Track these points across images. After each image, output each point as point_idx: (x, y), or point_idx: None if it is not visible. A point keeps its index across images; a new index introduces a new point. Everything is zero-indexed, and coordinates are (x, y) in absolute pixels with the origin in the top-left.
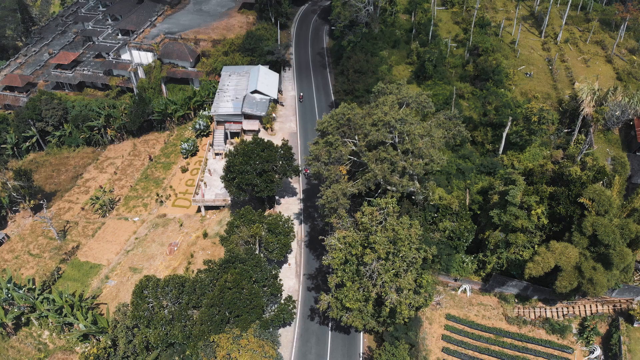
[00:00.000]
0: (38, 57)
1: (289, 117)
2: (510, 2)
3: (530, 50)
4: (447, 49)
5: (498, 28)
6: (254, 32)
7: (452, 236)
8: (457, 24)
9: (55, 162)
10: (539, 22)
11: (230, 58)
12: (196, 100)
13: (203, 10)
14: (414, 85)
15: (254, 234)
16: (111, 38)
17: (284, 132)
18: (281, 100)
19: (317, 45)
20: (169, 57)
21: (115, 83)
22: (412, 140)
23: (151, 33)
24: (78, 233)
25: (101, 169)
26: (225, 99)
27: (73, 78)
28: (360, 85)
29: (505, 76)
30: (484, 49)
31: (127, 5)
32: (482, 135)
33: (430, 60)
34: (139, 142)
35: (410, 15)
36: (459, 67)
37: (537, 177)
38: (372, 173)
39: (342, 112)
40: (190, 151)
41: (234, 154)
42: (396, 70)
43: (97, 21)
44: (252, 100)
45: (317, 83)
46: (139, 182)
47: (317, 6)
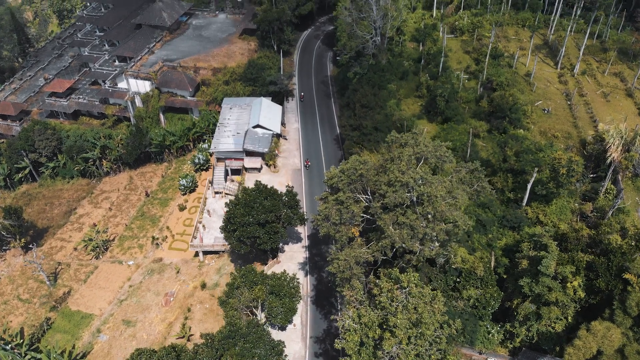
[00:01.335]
0: (33, 82)
1: (293, 151)
2: (522, 30)
3: (546, 83)
4: (458, 82)
5: (511, 59)
6: (255, 61)
7: (476, 305)
8: (468, 53)
9: (48, 194)
10: (553, 52)
11: (231, 87)
12: (196, 131)
13: (203, 36)
14: (424, 121)
15: (256, 298)
16: (108, 64)
17: (287, 168)
18: (284, 134)
19: (321, 73)
20: (167, 86)
21: (112, 112)
22: (434, 202)
23: (149, 60)
24: (70, 277)
25: (96, 204)
26: (226, 135)
27: (68, 107)
28: (368, 122)
29: (523, 114)
30: (499, 83)
31: (124, 30)
32: (502, 182)
33: (442, 95)
34: (135, 174)
35: (418, 43)
36: (472, 102)
37: (571, 243)
38: (389, 239)
39: (354, 167)
40: (188, 187)
41: (235, 203)
42: (405, 104)
43: (93, 46)
44: (254, 136)
45: (321, 114)
46: (134, 220)
47: (320, 31)
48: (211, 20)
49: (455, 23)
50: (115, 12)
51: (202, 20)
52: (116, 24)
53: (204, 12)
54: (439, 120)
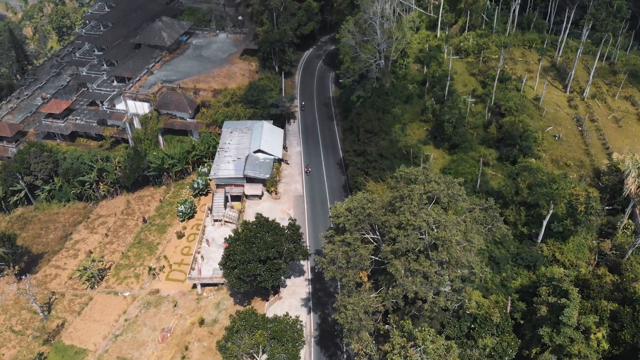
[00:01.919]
0: (30, 102)
1: (295, 176)
2: (529, 52)
3: (555, 108)
4: (465, 106)
5: (519, 82)
6: (256, 83)
7: (492, 354)
8: (474, 75)
9: (44, 218)
10: (561, 75)
11: (231, 109)
12: (195, 154)
13: (203, 56)
14: (430, 147)
15: (257, 343)
16: (106, 85)
17: (289, 195)
18: (286, 158)
19: (323, 94)
20: (166, 107)
21: (110, 133)
22: (449, 248)
23: (148, 81)
24: (64, 308)
25: (92, 229)
26: (226, 160)
27: (65, 128)
28: (373, 148)
29: (534, 141)
30: (507, 108)
31: (123, 50)
32: (515, 215)
33: (449, 121)
34: (133, 198)
35: (422, 64)
36: (479, 127)
37: (594, 290)
38: (401, 288)
39: (361, 206)
40: (187, 214)
41: (235, 239)
42: (410, 128)
43: (92, 66)
44: (255, 161)
45: (323, 137)
46: (131, 248)
47: (322, 51)
48: (211, 40)
49: (460, 44)
50: (114, 32)
51: (202, 39)
52: (115, 43)
53: (204, 32)
54: (445, 147)
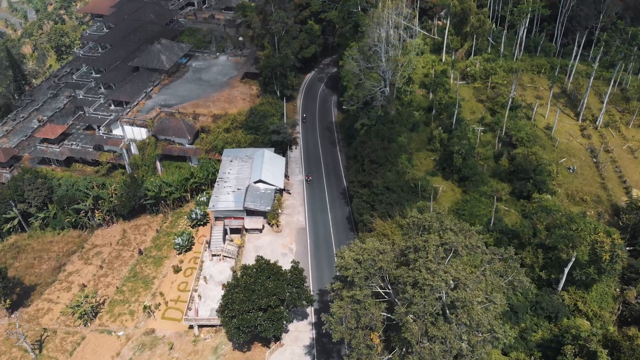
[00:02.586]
0: (26, 124)
1: (297, 207)
2: (538, 77)
3: (568, 137)
4: (475, 136)
5: (529, 109)
6: (257, 108)
7: None
8: (481, 102)
9: (37, 247)
10: (572, 101)
11: (231, 135)
12: (194, 182)
13: (203, 79)
14: (439, 178)
15: None
16: (103, 109)
17: (291, 227)
18: (288, 187)
19: (326, 119)
20: (164, 133)
21: (106, 159)
22: (470, 311)
23: (146, 105)
24: (55, 347)
25: (86, 260)
26: (226, 191)
27: (60, 154)
28: (379, 181)
29: (548, 175)
30: (519, 139)
31: (121, 73)
32: (532, 257)
33: (459, 152)
34: (129, 227)
35: (427, 89)
36: (490, 159)
37: (625, 354)
38: (417, 356)
39: (372, 258)
40: (184, 247)
41: (234, 285)
42: (417, 158)
43: (89, 89)
44: (255, 192)
45: (326, 164)
46: (126, 282)
47: (324, 74)
48: (212, 63)
49: (467, 69)
50: (113, 54)
51: (202, 62)
52: (113, 66)
53: (204, 54)
54: (455, 178)
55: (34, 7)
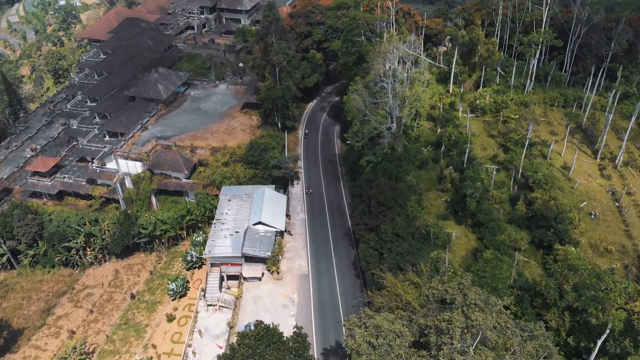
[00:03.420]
0: (19, 153)
1: (299, 250)
2: (551, 111)
3: (587, 178)
4: (488, 177)
5: (544, 146)
6: (257, 142)
7: None
8: (492, 137)
9: (27, 286)
10: (589, 137)
11: (230, 169)
12: (190, 219)
13: (201, 109)
14: (451, 223)
15: None
16: (97, 140)
17: (292, 274)
18: (289, 228)
19: (328, 151)
20: (160, 167)
21: (99, 193)
22: None
23: (142, 138)
24: None
25: (76, 302)
26: (223, 234)
27: (52, 187)
28: (388, 227)
29: (569, 223)
30: (536, 181)
31: (117, 102)
32: (558, 321)
33: (472, 196)
34: (121, 267)
35: (435, 123)
36: (505, 202)
37: None
38: None
39: (388, 343)
40: (178, 293)
41: (230, 357)
42: (426, 198)
43: (83, 119)
44: (255, 236)
45: (330, 201)
46: (117, 330)
47: (326, 102)
48: (211, 92)
49: (476, 102)
50: (109, 82)
51: (201, 91)
52: (109, 95)
53: (203, 82)
54: (469, 223)
55: (34, 28)
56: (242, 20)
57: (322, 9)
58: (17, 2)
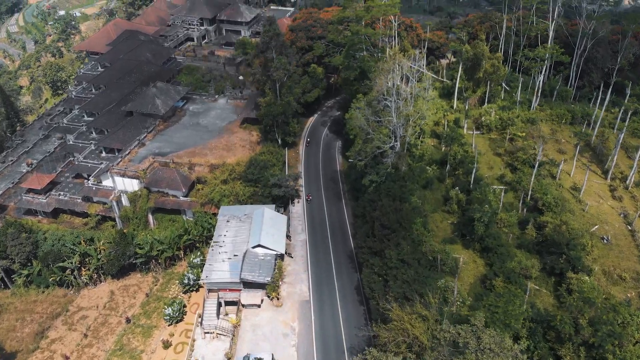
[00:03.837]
0: (15, 168)
1: (300, 274)
2: (559, 128)
3: (598, 200)
4: (496, 199)
5: (552, 165)
6: (257, 159)
7: None
8: (499, 155)
9: (20, 307)
10: (598, 156)
11: (229, 187)
12: (188, 239)
13: (200, 124)
14: (458, 247)
15: None
16: (94, 156)
17: (293, 300)
18: (290, 250)
19: (330, 167)
20: (157, 185)
21: (95, 211)
22: None
23: (139, 154)
24: None
25: (70, 325)
26: (221, 258)
27: (47, 205)
28: (393, 252)
29: (582, 249)
30: (546, 204)
31: (114, 117)
32: (572, 355)
33: (481, 220)
34: (117, 288)
35: (438, 140)
36: (514, 226)
37: None
38: None
39: None
40: (175, 318)
41: None
42: (432, 220)
43: (80, 134)
44: (254, 259)
45: (331, 221)
46: (111, 356)
47: (328, 117)
48: (210, 106)
49: (482, 118)
50: (106, 96)
51: (200, 105)
52: (106, 110)
53: (202, 97)
54: (476, 247)
55: (33, 38)
56: (242, 32)
57: (323, 22)
58: (17, 12)
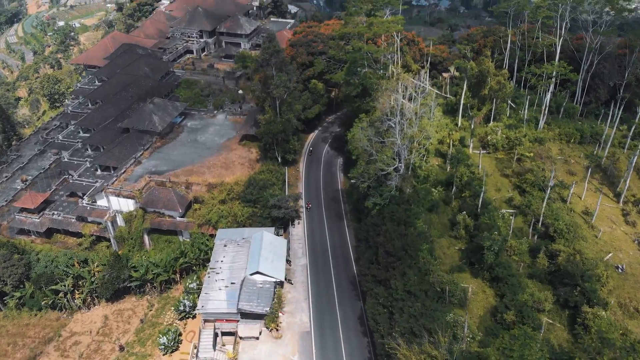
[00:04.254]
0: (9, 185)
1: (300, 302)
2: (567, 147)
3: (611, 225)
4: (506, 225)
5: (562, 187)
6: (256, 178)
7: None
8: (506, 176)
9: (12, 330)
10: (609, 178)
11: (227, 207)
12: (184, 261)
13: (198, 141)
14: (466, 275)
15: None
16: (89, 174)
17: (293, 331)
18: (289, 276)
19: (331, 186)
20: (153, 205)
21: (90, 231)
22: None
23: (135, 173)
24: None
25: (62, 351)
26: (217, 286)
27: (40, 224)
28: (399, 283)
29: (597, 280)
30: (557, 231)
31: (110, 133)
32: None
33: (491, 249)
34: (111, 312)
35: (443, 159)
36: (524, 253)
37: None
38: None
39: None
40: (170, 347)
41: None
42: (438, 246)
43: (75, 150)
44: (252, 288)
45: (333, 243)
46: None
47: (328, 132)
48: (208, 122)
49: (487, 137)
50: (102, 112)
51: (198, 121)
52: (102, 126)
53: (200, 112)
54: (485, 276)
55: (32, 49)
56: (242, 45)
57: (324, 37)
58: (17, 22)
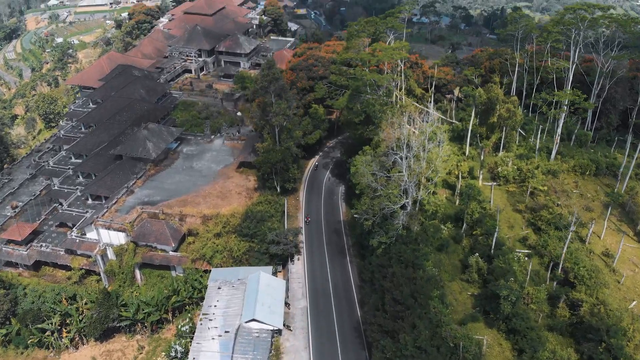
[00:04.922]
0: None
1: (300, 352)
2: (582, 179)
3: (633, 268)
4: (521, 267)
5: (580, 226)
6: (254, 211)
7: None
8: (519, 212)
9: None
10: (628, 214)
11: (223, 242)
12: (177, 300)
13: (194, 168)
14: (480, 324)
15: None
16: (79, 203)
17: None
18: (288, 321)
19: (333, 217)
20: (145, 239)
21: (79, 265)
22: None
23: (126, 203)
24: None
25: None
26: (210, 335)
27: (27, 257)
28: (409, 338)
29: (623, 334)
30: (578, 276)
31: (102, 160)
32: None
33: (508, 299)
34: (100, 353)
35: (451, 191)
36: (543, 302)
37: None
38: None
39: None
40: None
41: None
42: (450, 292)
43: (66, 178)
44: (247, 338)
45: (335, 283)
46: None
47: (329, 158)
48: (205, 148)
49: (498, 169)
50: (95, 137)
51: (194, 147)
52: (94, 152)
53: (197, 137)
54: (501, 327)
55: (30, 66)
56: (242, 64)
57: (325, 61)
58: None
